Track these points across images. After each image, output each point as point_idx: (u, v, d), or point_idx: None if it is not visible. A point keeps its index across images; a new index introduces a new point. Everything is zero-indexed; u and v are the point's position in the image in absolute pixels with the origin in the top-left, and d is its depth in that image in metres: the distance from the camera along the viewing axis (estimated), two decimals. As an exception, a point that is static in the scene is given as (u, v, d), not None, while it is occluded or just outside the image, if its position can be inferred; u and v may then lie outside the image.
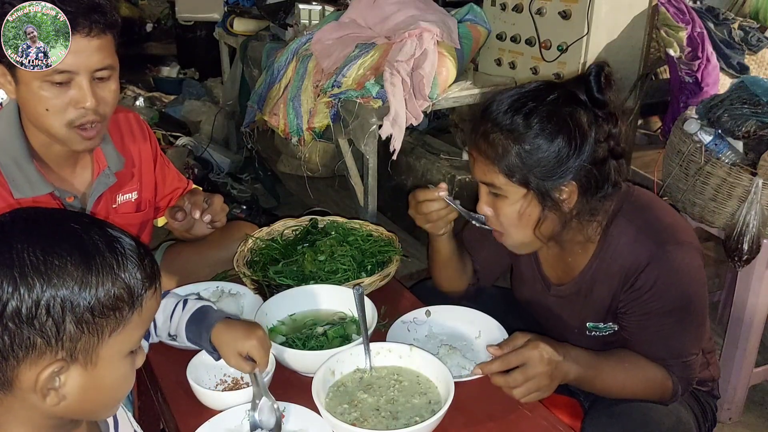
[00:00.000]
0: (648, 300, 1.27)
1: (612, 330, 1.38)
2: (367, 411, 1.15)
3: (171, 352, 1.34)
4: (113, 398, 0.86)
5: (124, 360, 0.83)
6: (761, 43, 2.43)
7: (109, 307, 0.77)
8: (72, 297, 0.74)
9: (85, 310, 0.75)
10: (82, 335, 0.76)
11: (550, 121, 1.20)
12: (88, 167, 1.51)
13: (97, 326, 0.77)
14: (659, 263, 1.25)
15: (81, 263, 0.75)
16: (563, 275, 1.41)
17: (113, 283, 0.77)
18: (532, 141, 1.20)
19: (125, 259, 0.79)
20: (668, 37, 2.26)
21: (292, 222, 1.73)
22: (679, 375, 1.30)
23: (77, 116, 1.32)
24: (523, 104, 1.22)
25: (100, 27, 1.28)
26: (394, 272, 1.53)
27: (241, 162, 3.83)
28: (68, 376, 0.78)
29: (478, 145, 1.26)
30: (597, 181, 1.23)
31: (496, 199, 1.28)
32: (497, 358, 1.20)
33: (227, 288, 1.54)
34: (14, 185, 1.38)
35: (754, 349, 2.04)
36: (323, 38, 2.50)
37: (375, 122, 2.24)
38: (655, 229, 1.28)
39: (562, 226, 1.28)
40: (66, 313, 0.74)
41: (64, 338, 0.75)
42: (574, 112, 1.20)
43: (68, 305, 0.74)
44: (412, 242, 2.76)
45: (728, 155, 1.90)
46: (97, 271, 0.76)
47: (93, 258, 0.76)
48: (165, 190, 1.72)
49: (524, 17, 2.44)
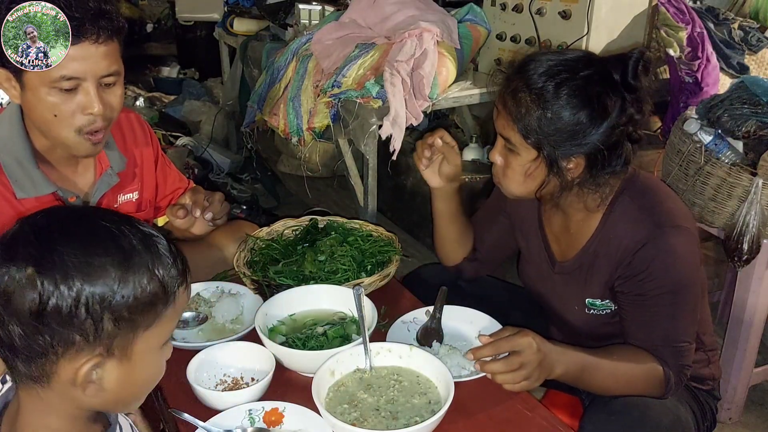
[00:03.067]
0: (643, 280, 1.30)
1: (609, 309, 1.40)
2: (367, 411, 1.15)
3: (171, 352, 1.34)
4: (145, 390, 0.89)
5: (157, 353, 0.85)
6: (761, 43, 2.43)
7: (146, 304, 0.79)
8: (110, 295, 0.76)
9: (123, 308, 0.77)
10: (119, 331, 0.78)
11: (577, 96, 1.23)
12: (91, 167, 1.52)
13: (133, 322, 0.79)
14: (655, 244, 1.28)
15: (121, 262, 0.77)
16: (568, 249, 1.44)
17: (149, 281, 0.78)
18: (555, 110, 1.24)
19: (160, 257, 0.80)
20: (668, 37, 2.26)
21: (292, 222, 1.73)
22: (671, 363, 1.30)
23: (86, 122, 1.33)
24: (558, 72, 1.25)
25: (107, 33, 1.28)
26: (394, 272, 1.53)
27: (241, 162, 3.83)
28: (105, 369, 0.79)
29: (505, 99, 1.30)
30: (606, 160, 1.27)
31: (509, 152, 1.33)
32: (488, 344, 1.21)
33: (227, 288, 1.54)
34: (17, 185, 1.38)
35: (754, 349, 2.04)
36: (323, 38, 2.50)
37: (375, 122, 2.24)
38: (656, 211, 1.31)
39: (561, 190, 1.33)
40: (104, 311, 0.76)
41: (102, 335, 0.77)
42: (603, 93, 1.23)
43: (107, 303, 0.76)
44: (412, 242, 2.77)
45: (728, 155, 1.90)
46: (135, 270, 0.78)
47: (131, 257, 0.78)
48: (166, 190, 1.72)
49: (524, 17, 2.45)
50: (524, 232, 1.55)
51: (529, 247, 1.55)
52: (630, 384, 1.29)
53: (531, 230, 1.53)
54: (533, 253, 1.54)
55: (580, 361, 1.26)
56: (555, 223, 1.47)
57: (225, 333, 1.42)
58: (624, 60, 1.24)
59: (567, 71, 1.25)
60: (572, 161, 1.28)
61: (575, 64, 1.26)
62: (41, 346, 0.75)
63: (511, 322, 1.32)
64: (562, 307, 1.49)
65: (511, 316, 1.46)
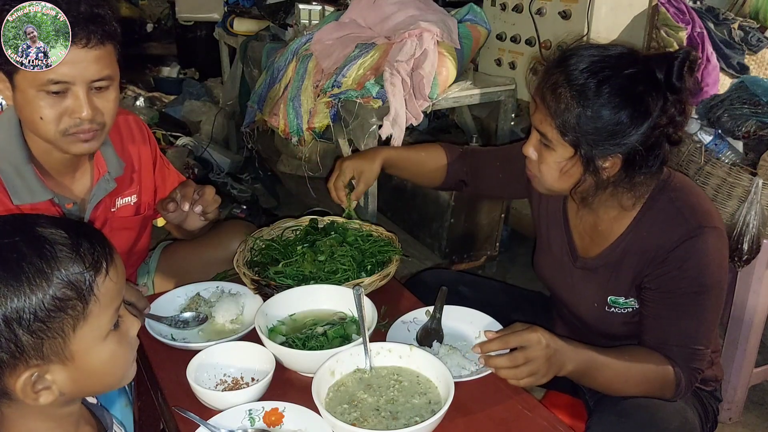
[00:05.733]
0: (675, 277, 1.28)
1: (631, 308, 1.38)
2: (367, 411, 1.15)
3: (171, 352, 1.34)
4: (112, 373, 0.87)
5: (105, 342, 0.82)
6: (761, 43, 2.43)
7: (57, 309, 0.76)
8: (12, 312, 0.74)
9: (33, 320, 0.75)
10: (42, 341, 0.76)
11: (619, 95, 1.20)
12: (88, 173, 1.50)
13: (53, 329, 0.76)
14: (693, 243, 1.26)
15: (8, 278, 0.74)
16: (593, 246, 1.42)
17: (49, 286, 0.76)
18: (596, 109, 1.21)
19: (57, 259, 0.77)
20: (668, 37, 2.26)
21: (292, 222, 1.72)
22: (684, 365, 1.29)
23: (71, 125, 1.31)
24: (601, 69, 1.22)
25: (98, 38, 1.26)
26: (394, 272, 1.53)
27: (241, 162, 3.83)
28: (53, 374, 0.78)
29: (544, 93, 1.26)
30: (644, 160, 1.25)
31: (544, 148, 1.30)
32: (496, 338, 1.20)
33: (227, 288, 1.54)
34: (13, 192, 1.37)
35: (754, 349, 2.04)
36: (323, 38, 2.50)
37: (375, 122, 2.24)
38: (696, 211, 1.29)
39: (595, 189, 1.31)
40: (14, 327, 0.74)
41: (25, 348, 0.75)
42: (646, 94, 1.20)
43: (14, 320, 0.74)
44: (412, 242, 2.77)
45: (728, 155, 1.90)
46: (29, 281, 0.75)
47: (20, 268, 0.75)
48: (165, 191, 1.72)
49: (524, 17, 2.45)
50: (546, 220, 1.53)
51: (550, 237, 1.52)
52: (640, 385, 1.28)
53: (554, 220, 1.50)
54: (553, 244, 1.51)
55: (591, 359, 1.25)
56: (582, 218, 1.44)
57: (225, 333, 1.42)
58: (669, 59, 1.21)
59: (610, 68, 1.21)
60: (609, 160, 1.25)
61: (618, 60, 1.23)
62: None
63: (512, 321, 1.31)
64: (578, 303, 1.47)
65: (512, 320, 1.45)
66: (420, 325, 1.43)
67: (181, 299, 1.52)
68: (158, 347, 1.34)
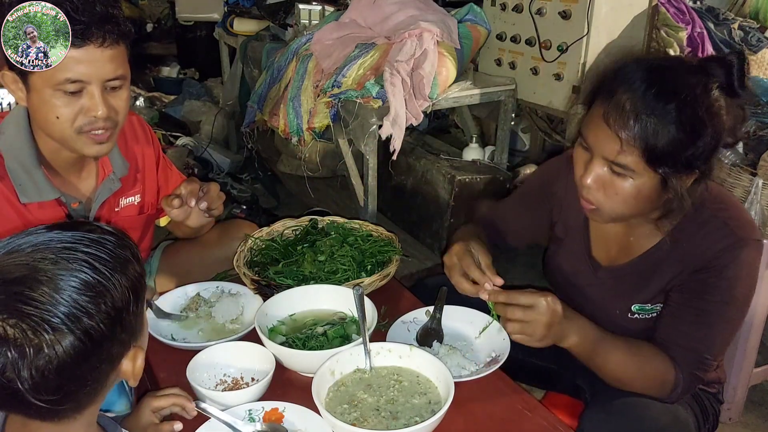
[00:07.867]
0: (710, 284, 1.27)
1: (655, 313, 1.37)
2: (367, 411, 1.15)
3: (171, 352, 1.34)
4: None
5: None
6: (761, 43, 2.43)
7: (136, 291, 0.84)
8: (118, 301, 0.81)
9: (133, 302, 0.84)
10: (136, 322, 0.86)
11: (702, 115, 1.15)
12: (93, 172, 1.51)
13: (140, 312, 0.87)
14: (735, 254, 1.25)
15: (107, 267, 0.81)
16: (619, 256, 1.40)
17: (130, 271, 0.84)
18: (682, 133, 1.15)
19: (129, 248, 0.85)
20: (668, 37, 2.26)
21: (292, 222, 1.72)
22: (687, 370, 1.28)
23: (86, 123, 1.32)
24: (678, 90, 1.15)
25: (113, 37, 1.29)
26: (394, 272, 1.53)
27: (241, 162, 3.83)
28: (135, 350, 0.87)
29: (613, 118, 1.17)
30: (711, 171, 1.23)
31: (615, 176, 1.22)
32: (506, 292, 1.20)
33: (227, 288, 1.54)
34: (21, 190, 1.38)
35: (754, 349, 2.04)
36: (323, 38, 2.50)
37: (375, 122, 2.24)
38: (740, 223, 1.28)
39: (672, 208, 1.26)
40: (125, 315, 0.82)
41: (135, 329, 0.86)
42: (722, 108, 1.17)
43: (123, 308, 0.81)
44: (412, 242, 2.76)
45: (728, 155, 1.90)
46: (123, 268, 0.83)
47: (115, 258, 0.82)
48: (168, 191, 1.71)
49: (524, 17, 2.45)
50: (566, 225, 1.50)
51: (567, 243, 1.50)
52: (637, 377, 1.28)
53: (574, 227, 1.48)
54: (571, 251, 1.49)
55: (596, 337, 1.26)
56: (608, 227, 1.40)
57: (225, 333, 1.42)
58: (725, 66, 1.17)
59: (685, 88, 1.15)
60: (690, 178, 1.21)
61: (687, 78, 1.17)
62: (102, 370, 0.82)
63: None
64: (596, 309, 1.43)
65: None
66: (420, 325, 1.43)
67: (181, 299, 1.52)
68: (158, 347, 1.34)
